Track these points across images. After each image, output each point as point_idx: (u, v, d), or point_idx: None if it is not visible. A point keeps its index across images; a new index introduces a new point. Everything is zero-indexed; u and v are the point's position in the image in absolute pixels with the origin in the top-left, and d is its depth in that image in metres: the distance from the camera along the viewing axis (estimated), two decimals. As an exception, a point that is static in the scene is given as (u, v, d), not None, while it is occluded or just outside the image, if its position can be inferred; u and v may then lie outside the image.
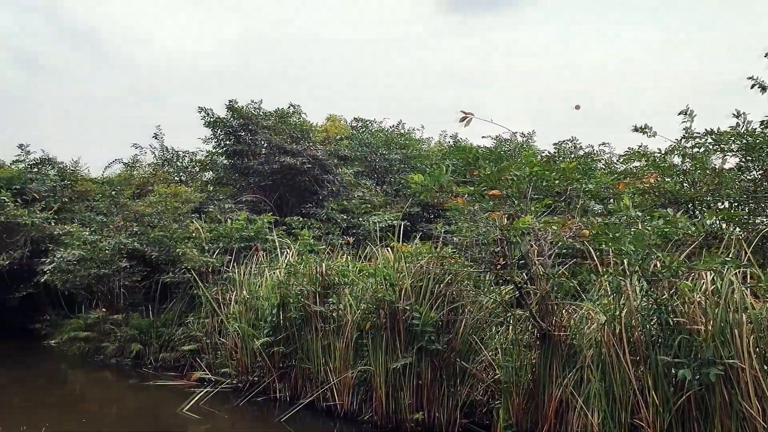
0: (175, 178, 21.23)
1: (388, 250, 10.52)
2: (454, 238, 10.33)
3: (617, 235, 7.03)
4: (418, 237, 11.70)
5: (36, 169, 19.79)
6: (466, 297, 9.32)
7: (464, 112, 7.71)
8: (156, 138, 21.59)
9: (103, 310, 15.28)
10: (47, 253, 16.64)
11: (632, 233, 7.01)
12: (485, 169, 8.29)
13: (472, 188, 8.45)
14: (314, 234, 13.50)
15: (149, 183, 19.94)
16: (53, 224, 17.31)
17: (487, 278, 9.59)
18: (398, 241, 10.13)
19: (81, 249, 14.99)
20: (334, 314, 10.28)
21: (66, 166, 20.35)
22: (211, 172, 20.63)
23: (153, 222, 15.62)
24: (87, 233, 15.46)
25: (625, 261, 7.27)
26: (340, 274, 10.49)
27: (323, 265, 10.69)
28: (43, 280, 15.48)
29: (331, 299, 10.40)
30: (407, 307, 9.03)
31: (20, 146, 20.18)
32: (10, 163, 19.67)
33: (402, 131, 21.36)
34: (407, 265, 9.46)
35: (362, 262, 11.26)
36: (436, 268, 9.24)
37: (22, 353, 16.30)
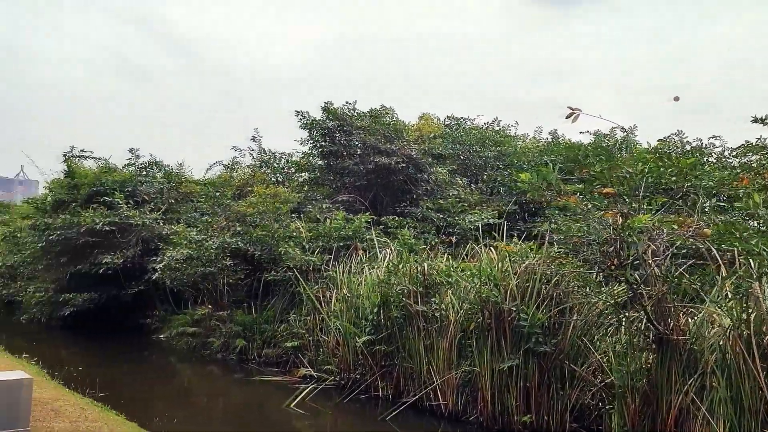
0: (272, 179, 21.88)
1: (491, 249, 10.38)
2: (559, 238, 10.07)
3: (745, 234, 6.63)
4: (515, 236, 11.49)
5: (144, 172, 20.92)
6: (574, 298, 9.06)
7: (571, 108, 7.48)
8: (254, 140, 22.36)
9: (209, 306, 15.94)
10: (157, 252, 17.55)
11: (762, 232, 6.58)
12: (595, 167, 8.03)
13: (580, 186, 8.21)
14: (411, 233, 13.54)
15: (248, 184, 20.64)
16: (161, 224, 18.23)
17: (596, 279, 9.29)
18: (501, 240, 9.99)
19: (188, 248, 15.67)
20: (436, 314, 10.25)
21: (171, 169, 21.39)
22: (306, 173, 21.09)
23: (254, 222, 16.12)
24: (194, 233, 16.13)
25: (754, 262, 6.84)
26: (442, 274, 10.44)
27: (425, 264, 10.68)
28: (154, 277, 16.30)
29: (433, 299, 10.38)
30: (513, 308, 8.89)
31: (131, 150, 21.41)
32: (122, 167, 20.89)
33: (496, 128, 21.08)
34: (512, 265, 9.30)
35: (464, 262, 11.19)
36: (543, 268, 9.02)
37: (134, 347, 17.23)
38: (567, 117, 7.43)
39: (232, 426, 10.30)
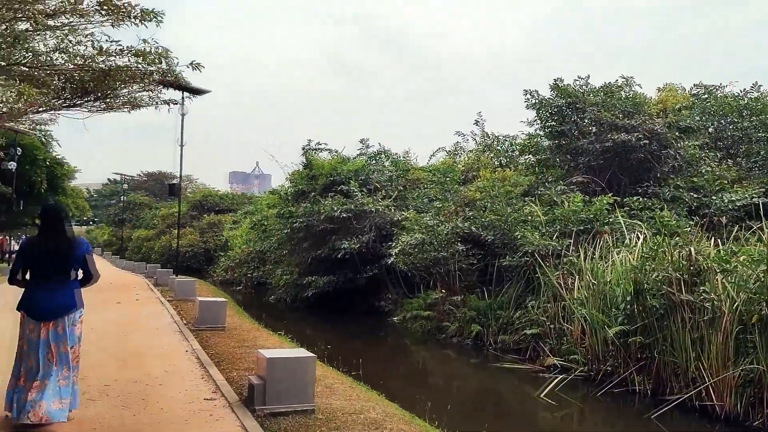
0: (495, 162, 21.55)
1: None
2: None
3: None
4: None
5: (374, 161, 21.83)
6: None
7: None
8: (477, 124, 22.21)
9: (442, 291, 16.08)
10: (389, 237, 18.17)
11: None
12: None
13: None
14: (671, 215, 12.27)
15: (473, 169, 20.55)
16: (393, 210, 18.85)
17: None
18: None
19: (421, 233, 15.94)
20: (706, 304, 9.10)
21: (398, 157, 22.06)
22: (532, 156, 20.41)
23: (485, 206, 15.91)
24: (427, 218, 16.36)
25: None
26: (715, 259, 9.24)
27: (690, 248, 9.55)
28: (389, 262, 16.86)
29: (702, 287, 9.24)
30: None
31: (361, 141, 22.53)
32: (354, 157, 22.02)
33: (755, 95, 18.48)
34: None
35: (735, 245, 9.84)
36: None
37: (371, 329, 18.04)
38: None
39: (488, 413, 10.08)
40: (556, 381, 10.51)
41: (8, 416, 5.08)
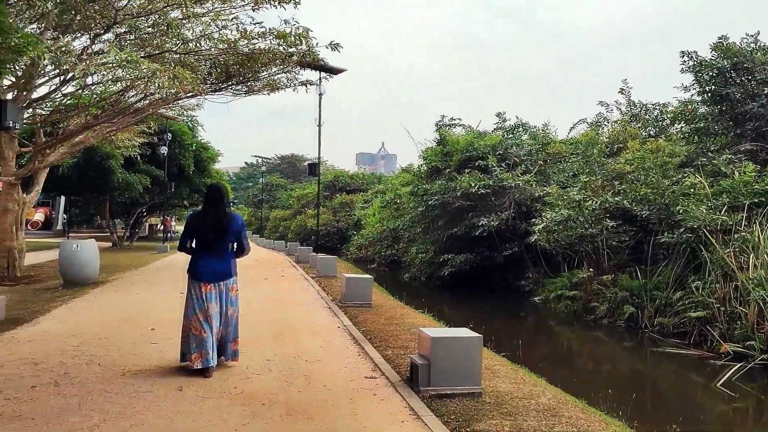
0: (644, 133, 20.02)
1: None
2: None
3: None
4: None
5: (512, 135, 21.03)
6: None
7: None
8: (622, 93, 20.73)
9: (590, 270, 15.19)
10: (529, 214, 17.42)
11: None
12: None
13: None
14: None
15: (618, 140, 19.22)
16: (534, 186, 18.06)
17: None
18: None
19: (566, 209, 15.10)
20: None
21: (537, 130, 21.11)
22: (685, 124, 18.71)
23: (638, 179, 14.75)
24: (573, 193, 15.47)
25: None
26: None
27: None
28: (532, 240, 16.17)
29: None
30: None
31: (497, 114, 21.76)
32: (492, 131, 21.36)
33: None
34: None
35: None
36: None
37: (512, 308, 17.42)
38: None
39: (667, 405, 9.24)
40: (733, 369, 9.49)
41: (181, 365, 5.97)
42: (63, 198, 44.59)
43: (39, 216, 54.45)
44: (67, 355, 6.54)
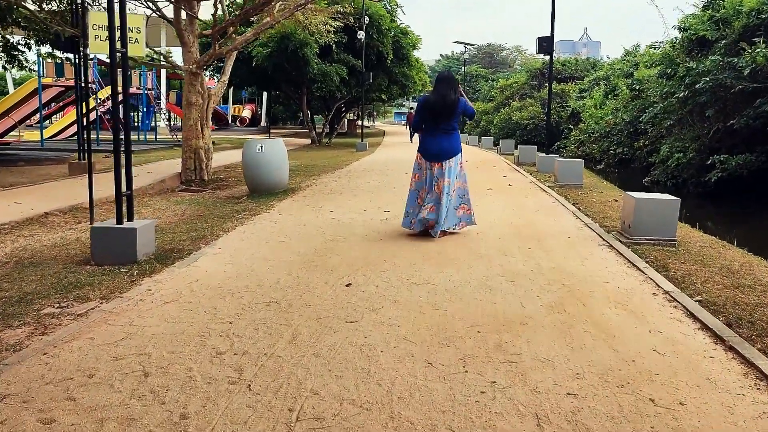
0: None
1: None
2: None
3: None
4: None
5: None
6: None
7: None
8: None
9: None
10: None
11: None
12: None
13: None
14: None
15: None
16: None
17: None
18: None
19: None
20: None
21: None
22: None
23: None
24: None
25: None
26: None
27: None
28: None
29: None
30: None
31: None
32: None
33: None
34: None
35: None
36: None
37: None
38: None
39: None
40: None
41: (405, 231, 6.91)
42: (265, 94, 44.66)
43: (246, 113, 56.27)
44: (192, 345, 3.59)
